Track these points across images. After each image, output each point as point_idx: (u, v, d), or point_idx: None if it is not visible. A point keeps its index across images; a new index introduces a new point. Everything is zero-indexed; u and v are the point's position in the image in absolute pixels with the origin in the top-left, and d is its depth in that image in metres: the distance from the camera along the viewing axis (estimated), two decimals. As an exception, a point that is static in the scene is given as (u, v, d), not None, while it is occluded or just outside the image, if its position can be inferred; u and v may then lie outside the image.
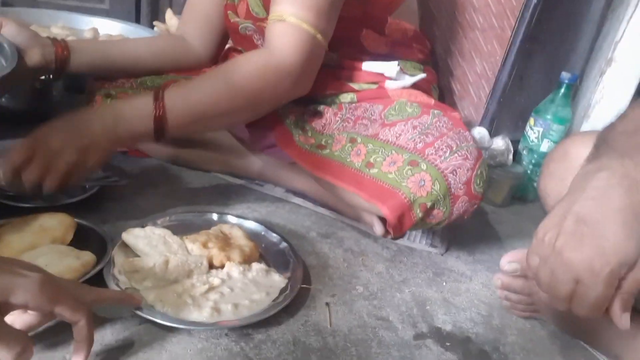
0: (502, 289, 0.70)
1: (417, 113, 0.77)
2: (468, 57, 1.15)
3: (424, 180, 0.70)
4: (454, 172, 0.70)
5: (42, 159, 0.62)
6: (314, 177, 0.83)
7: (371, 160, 0.75)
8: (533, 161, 1.10)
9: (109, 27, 1.44)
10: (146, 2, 1.62)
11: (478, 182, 0.72)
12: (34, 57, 0.80)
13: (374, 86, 0.87)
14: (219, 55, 1.02)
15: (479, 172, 0.72)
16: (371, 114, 0.82)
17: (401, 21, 0.88)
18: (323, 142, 0.82)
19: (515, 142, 1.16)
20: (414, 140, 0.73)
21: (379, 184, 0.73)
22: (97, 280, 0.58)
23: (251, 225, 0.76)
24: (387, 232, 0.83)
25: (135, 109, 0.68)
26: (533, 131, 1.09)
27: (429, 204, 0.71)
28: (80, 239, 0.65)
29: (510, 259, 0.65)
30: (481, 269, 0.83)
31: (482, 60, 1.14)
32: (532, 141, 1.09)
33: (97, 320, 0.54)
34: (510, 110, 1.19)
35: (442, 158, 0.71)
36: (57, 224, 0.63)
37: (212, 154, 0.96)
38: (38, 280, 0.43)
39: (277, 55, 0.71)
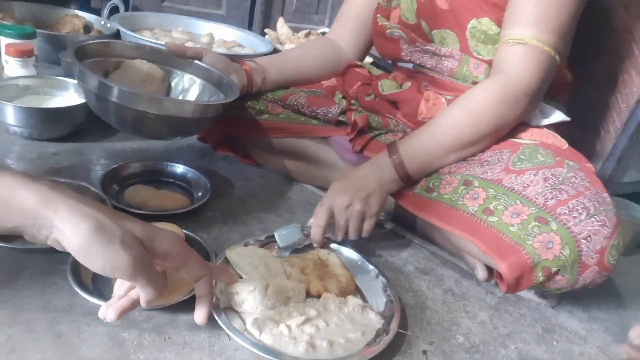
0: (627, 363, 0.62)
1: (551, 163, 0.70)
2: (598, 85, 1.04)
3: (552, 242, 0.63)
4: (588, 239, 0.62)
5: (341, 216, 0.72)
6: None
7: (491, 207, 0.68)
8: (665, 208, 0.97)
9: (224, 33, 1.52)
10: (259, 9, 1.67)
11: (613, 253, 0.64)
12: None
13: None
14: (361, 61, 1.02)
15: (615, 242, 0.64)
16: (498, 159, 0.74)
17: None
18: (431, 185, 0.76)
19: (645, 184, 1.03)
20: (545, 194, 0.65)
21: (498, 235, 0.66)
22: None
23: (348, 253, 0.74)
24: (490, 277, 0.77)
25: (379, 163, 0.76)
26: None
27: (553, 269, 0.64)
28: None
29: (642, 333, 0.57)
30: (597, 329, 0.74)
31: (615, 90, 1.02)
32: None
33: (195, 340, 0.56)
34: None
35: (577, 220, 0.63)
36: (167, 234, 0.66)
37: (314, 169, 0.96)
38: (174, 234, 0.47)
39: (515, 78, 0.72)
